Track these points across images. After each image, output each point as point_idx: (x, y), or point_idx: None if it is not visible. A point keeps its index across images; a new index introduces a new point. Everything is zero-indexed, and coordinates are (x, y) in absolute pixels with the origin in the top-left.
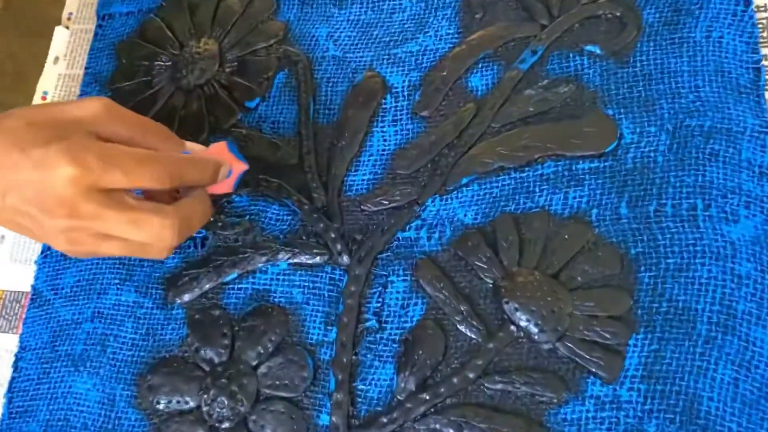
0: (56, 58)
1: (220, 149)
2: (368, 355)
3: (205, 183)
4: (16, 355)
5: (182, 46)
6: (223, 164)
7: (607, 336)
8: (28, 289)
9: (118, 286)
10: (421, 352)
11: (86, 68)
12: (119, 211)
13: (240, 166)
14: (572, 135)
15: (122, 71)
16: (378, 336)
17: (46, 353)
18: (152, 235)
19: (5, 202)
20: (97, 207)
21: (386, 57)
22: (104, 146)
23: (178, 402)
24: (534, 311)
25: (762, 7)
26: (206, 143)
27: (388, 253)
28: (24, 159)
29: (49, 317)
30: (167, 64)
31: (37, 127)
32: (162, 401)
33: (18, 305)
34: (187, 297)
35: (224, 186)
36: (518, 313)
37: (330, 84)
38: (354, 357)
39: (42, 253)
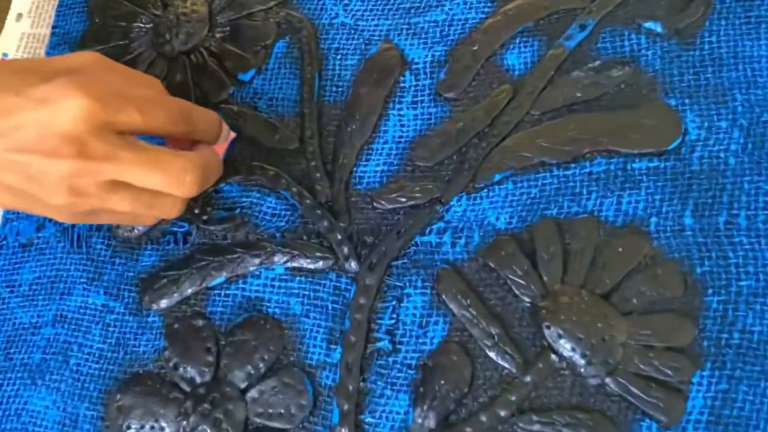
0: (19, 15)
1: None
2: (379, 382)
3: (211, 135)
4: None
5: (166, 6)
6: (224, 125)
7: (667, 371)
8: None
9: (85, 285)
10: (442, 381)
11: (53, 27)
12: (136, 152)
13: (232, 134)
14: (628, 128)
15: (95, 32)
16: (391, 360)
17: None
18: (171, 179)
19: None
20: (110, 146)
21: (406, 27)
22: (112, 81)
23: (152, 428)
24: (581, 339)
25: None
26: None
27: (405, 261)
28: (21, 100)
29: (3, 319)
30: (148, 26)
31: (28, 72)
32: (133, 426)
33: None
34: (165, 303)
35: (219, 149)
36: (562, 341)
37: (339, 56)
38: (362, 384)
39: None
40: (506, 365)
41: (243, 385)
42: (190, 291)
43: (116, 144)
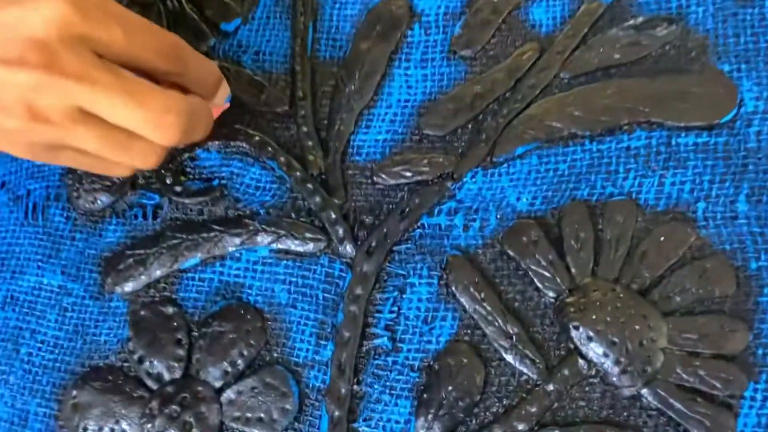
0: None
1: None
2: (375, 386)
3: (206, 87)
4: None
5: None
6: (224, 82)
7: (715, 383)
8: None
9: (40, 263)
10: (450, 387)
11: None
12: (113, 76)
13: (228, 96)
14: (673, 97)
15: None
16: (390, 360)
17: None
18: (150, 116)
19: None
20: (85, 64)
21: None
22: (110, 1)
23: (112, 431)
24: (614, 343)
25: None
26: None
27: (409, 245)
28: None
29: None
30: None
31: None
32: (90, 427)
33: None
34: (130, 286)
35: (214, 111)
36: (592, 344)
37: (336, 5)
38: (355, 387)
39: None
40: (525, 370)
41: (218, 385)
42: (159, 273)
43: (91, 63)
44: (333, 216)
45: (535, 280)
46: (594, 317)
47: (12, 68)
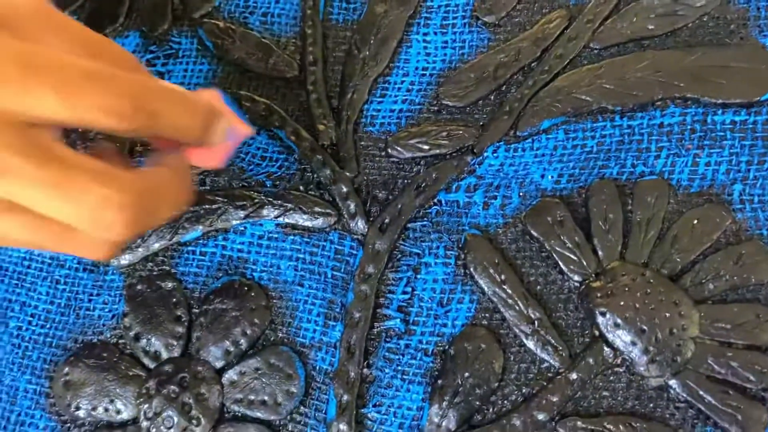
0: None
1: (210, 98)
2: (387, 370)
3: (188, 136)
4: None
5: None
6: (220, 115)
7: (749, 376)
8: None
9: None
10: (466, 374)
11: None
12: (39, 161)
13: (241, 129)
14: (711, 71)
15: None
16: (403, 343)
17: None
18: (86, 213)
19: None
20: (2, 149)
21: None
22: (32, 48)
23: (107, 410)
24: (643, 331)
25: None
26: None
27: (425, 222)
28: None
29: None
30: None
31: None
32: (83, 406)
33: None
34: (126, 258)
35: (214, 154)
36: (619, 331)
37: None
38: (365, 370)
39: None
40: (547, 358)
41: (219, 365)
42: (157, 246)
43: (10, 145)
44: (344, 190)
45: (560, 262)
46: (622, 303)
47: None
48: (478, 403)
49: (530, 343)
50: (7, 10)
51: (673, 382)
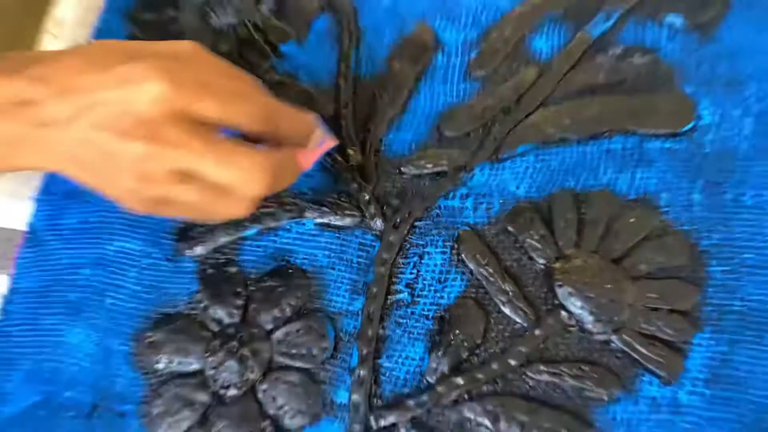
0: None
1: (311, 116)
2: (397, 330)
3: (297, 139)
4: (5, 297)
5: None
6: (316, 129)
7: (670, 332)
8: (23, 227)
9: (124, 231)
10: (457, 332)
11: None
12: (208, 143)
13: (328, 142)
14: (645, 110)
15: (147, 1)
16: (409, 310)
17: (38, 298)
18: (241, 175)
19: (69, 131)
20: (183, 134)
21: (441, 10)
22: (200, 70)
23: (180, 363)
24: (590, 298)
25: None
26: None
27: (428, 221)
28: (105, 77)
29: (46, 260)
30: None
31: (120, 52)
32: (162, 361)
33: (11, 244)
34: (199, 249)
35: (307, 156)
36: (572, 299)
37: (376, 34)
38: (381, 331)
39: (43, 189)
40: (518, 320)
41: (269, 327)
42: (223, 240)
43: (189, 132)
44: (367, 198)
45: (529, 250)
46: (575, 278)
47: (124, 139)
48: (466, 353)
49: (506, 309)
50: (173, 50)
51: (613, 338)
